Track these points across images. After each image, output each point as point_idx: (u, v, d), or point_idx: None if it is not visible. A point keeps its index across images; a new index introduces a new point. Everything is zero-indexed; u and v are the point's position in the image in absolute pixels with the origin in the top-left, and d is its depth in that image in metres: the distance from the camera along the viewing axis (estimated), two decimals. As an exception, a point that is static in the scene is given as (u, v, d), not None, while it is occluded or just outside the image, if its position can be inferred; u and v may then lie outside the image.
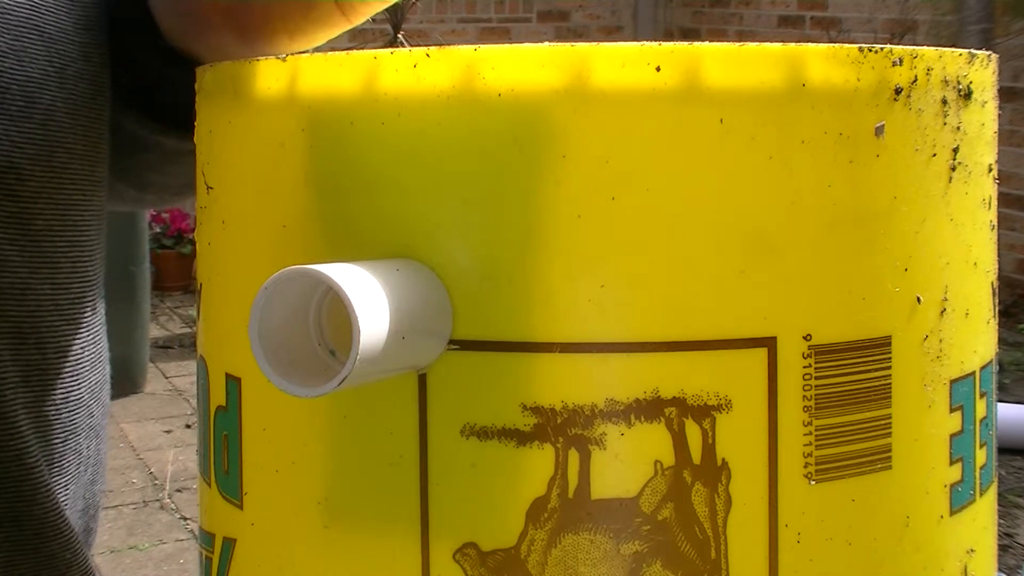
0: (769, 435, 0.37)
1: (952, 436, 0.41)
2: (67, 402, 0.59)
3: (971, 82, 0.41)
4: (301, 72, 0.40)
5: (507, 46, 0.37)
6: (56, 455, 0.59)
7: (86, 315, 0.59)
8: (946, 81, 0.40)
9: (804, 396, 0.38)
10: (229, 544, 0.44)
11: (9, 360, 0.55)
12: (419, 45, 0.39)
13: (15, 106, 0.54)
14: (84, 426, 0.61)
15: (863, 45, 0.38)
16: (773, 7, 5.35)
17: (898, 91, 0.38)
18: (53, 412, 0.58)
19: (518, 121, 0.37)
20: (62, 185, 0.56)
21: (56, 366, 0.58)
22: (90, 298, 0.59)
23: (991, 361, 0.44)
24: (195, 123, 0.47)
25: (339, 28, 0.57)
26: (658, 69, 0.36)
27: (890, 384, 0.39)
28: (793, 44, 0.37)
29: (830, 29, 4.93)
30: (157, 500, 2.91)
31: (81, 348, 0.59)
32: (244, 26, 0.57)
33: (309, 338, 0.36)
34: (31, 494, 0.57)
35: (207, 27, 0.58)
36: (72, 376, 0.59)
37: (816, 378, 0.38)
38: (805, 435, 0.38)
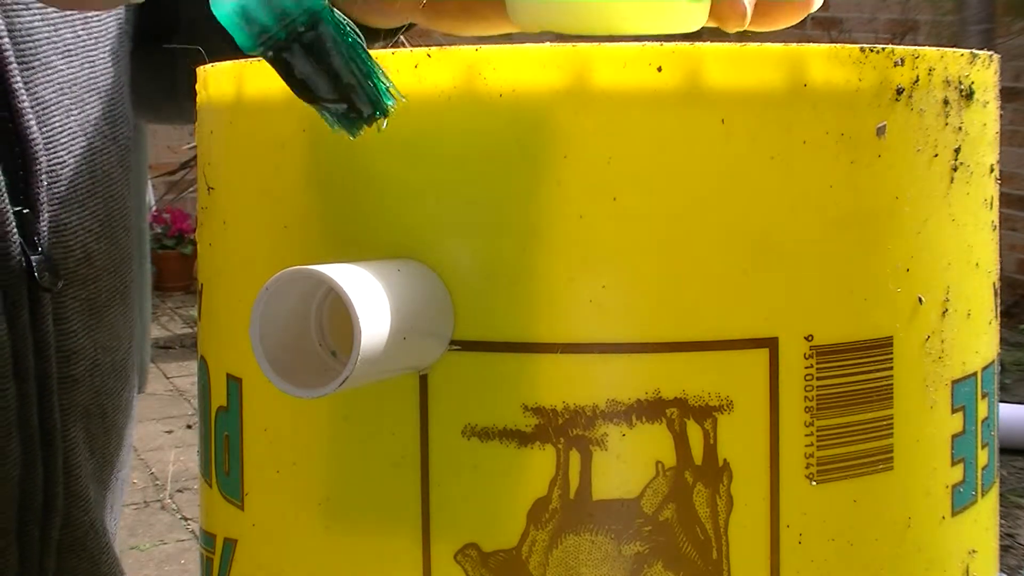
0: (771, 436, 0.37)
1: (954, 437, 0.41)
2: (120, 447, 0.59)
3: (972, 82, 0.41)
4: (302, 72, 0.39)
5: (508, 46, 0.37)
6: (111, 497, 0.59)
7: (130, 362, 0.59)
8: (948, 81, 0.40)
9: (806, 397, 0.38)
10: (230, 545, 0.44)
11: (82, 440, 0.55)
12: (420, 45, 0.39)
13: (83, 188, 0.51)
14: (125, 456, 0.61)
15: (864, 45, 0.38)
16: (774, 7, 5.34)
17: (900, 91, 0.38)
18: (110, 461, 0.58)
19: (519, 121, 0.37)
20: (120, 256, 0.55)
21: (113, 422, 0.58)
22: (134, 345, 0.59)
23: (993, 361, 0.44)
24: (196, 124, 0.46)
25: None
26: (659, 69, 0.36)
27: (892, 385, 0.39)
28: (794, 44, 0.37)
29: (831, 29, 4.93)
30: (158, 500, 2.91)
31: (128, 393, 0.59)
32: (438, 10, 0.50)
33: (310, 339, 0.36)
34: (99, 555, 0.57)
35: (392, 7, 0.51)
36: (123, 423, 0.59)
37: (818, 379, 0.38)
38: (807, 436, 0.38)
